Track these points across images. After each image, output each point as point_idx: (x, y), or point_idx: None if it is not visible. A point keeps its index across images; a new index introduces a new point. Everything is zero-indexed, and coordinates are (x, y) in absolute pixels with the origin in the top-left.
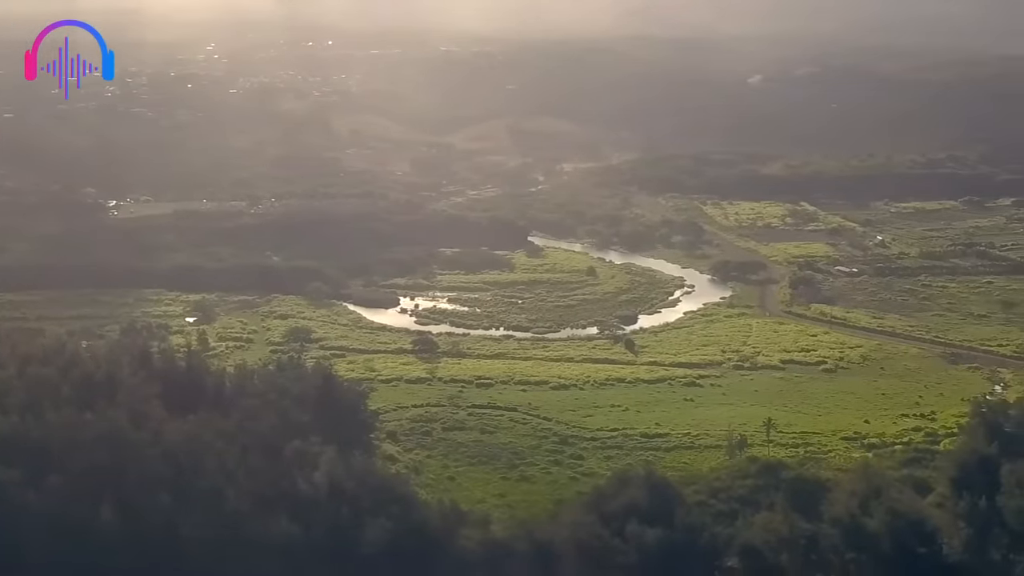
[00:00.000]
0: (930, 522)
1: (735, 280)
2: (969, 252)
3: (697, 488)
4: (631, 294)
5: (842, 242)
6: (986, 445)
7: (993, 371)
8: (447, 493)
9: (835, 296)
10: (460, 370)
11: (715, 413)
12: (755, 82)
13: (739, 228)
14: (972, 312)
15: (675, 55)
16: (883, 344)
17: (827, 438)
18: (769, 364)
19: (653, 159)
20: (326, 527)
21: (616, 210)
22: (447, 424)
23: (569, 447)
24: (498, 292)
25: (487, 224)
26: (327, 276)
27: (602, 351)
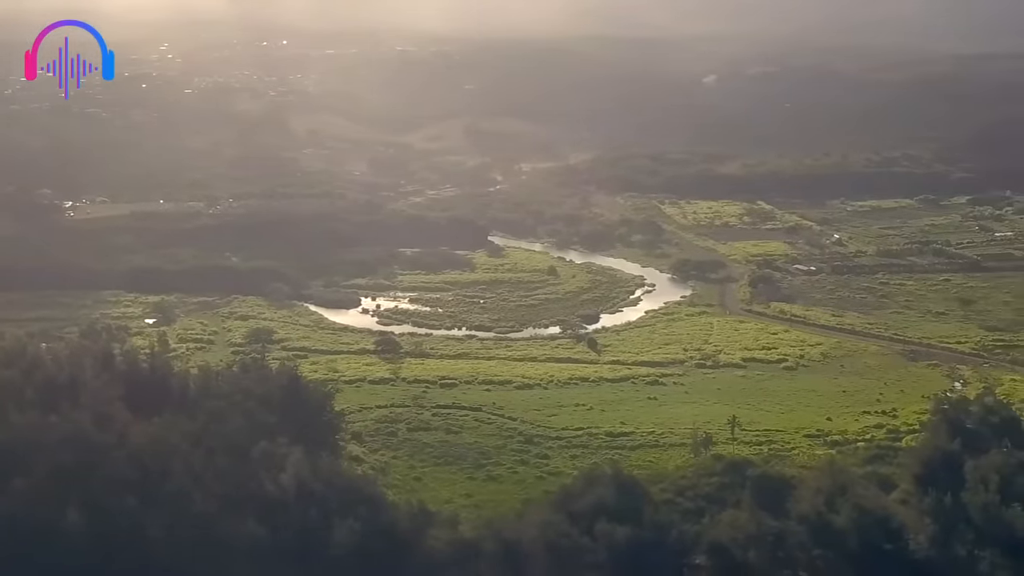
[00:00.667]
0: (896, 519)
1: (695, 279)
2: (926, 250)
3: (663, 486)
4: (592, 293)
5: (799, 241)
6: (949, 442)
7: (952, 368)
8: (414, 494)
9: (794, 294)
10: (424, 370)
11: (679, 411)
12: (710, 82)
13: (697, 227)
14: (930, 310)
15: (631, 55)
16: (843, 342)
17: (790, 435)
18: (731, 362)
19: (611, 159)
20: (294, 529)
21: (575, 209)
22: (412, 425)
23: (535, 446)
24: (459, 292)
25: (447, 224)
26: (287, 277)
27: (565, 350)
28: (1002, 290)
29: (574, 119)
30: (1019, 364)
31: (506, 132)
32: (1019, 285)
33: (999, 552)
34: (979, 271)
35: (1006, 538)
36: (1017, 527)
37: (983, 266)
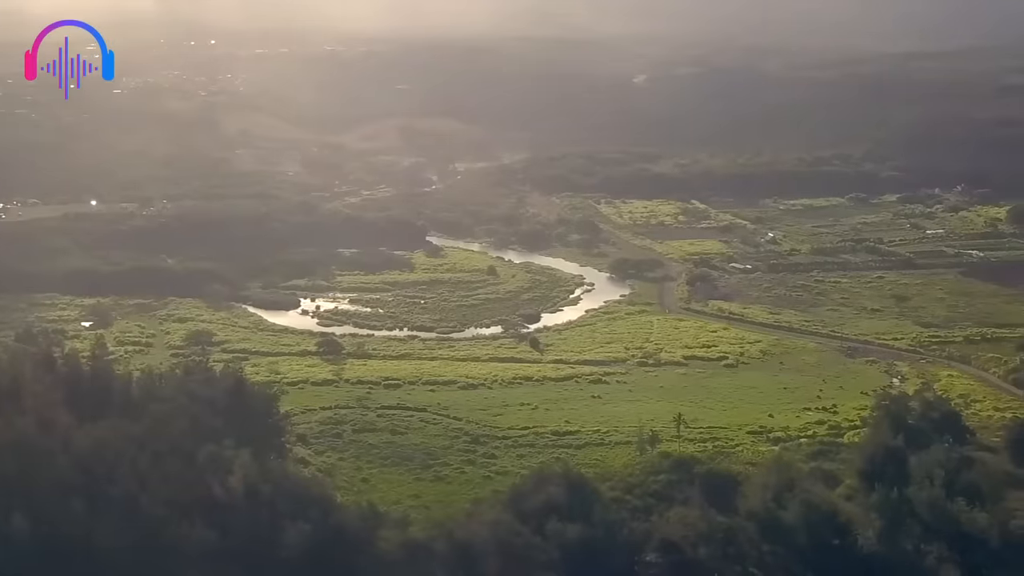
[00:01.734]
0: (844, 514)
1: (633, 278)
2: (859, 248)
3: (612, 484)
4: (533, 293)
5: (735, 239)
6: (892, 437)
7: (890, 364)
8: (362, 495)
9: (731, 292)
10: (367, 371)
11: (623, 409)
12: (640, 82)
13: (634, 226)
14: (865, 307)
15: (560, 55)
16: (781, 339)
17: (733, 432)
18: (672, 360)
19: (546, 158)
20: (244, 532)
21: (512, 209)
22: (357, 426)
23: (481, 446)
24: (400, 292)
25: (385, 224)
26: (224, 278)
27: (508, 350)
28: (935, 287)
29: (507, 119)
30: (955, 360)
31: (440, 132)
32: (952, 282)
33: (945, 546)
34: (912, 268)
35: (952, 532)
36: (963, 521)
37: (916, 263)
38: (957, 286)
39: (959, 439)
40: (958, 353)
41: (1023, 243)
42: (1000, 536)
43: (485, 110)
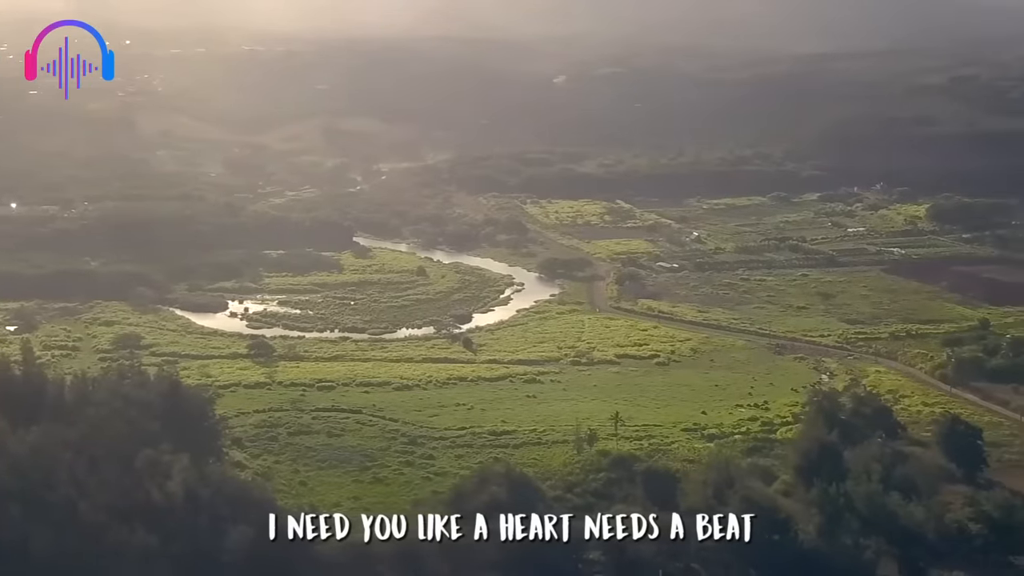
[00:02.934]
0: (783, 510)
1: (562, 277)
2: (782, 246)
3: (552, 483)
4: (463, 293)
5: (660, 239)
6: (826, 433)
7: (818, 361)
8: (300, 498)
9: (659, 291)
10: (299, 373)
11: (558, 409)
12: (560, 82)
13: (561, 226)
14: (791, 304)
15: (480, 55)
16: (711, 337)
17: (668, 430)
18: (605, 359)
19: (471, 159)
20: (185, 537)
21: (439, 209)
22: (292, 429)
23: (419, 447)
24: (329, 294)
25: (311, 225)
26: (150, 280)
27: (441, 350)
28: (859, 284)
29: (429, 119)
30: (882, 356)
31: (362, 132)
32: (875, 279)
33: (884, 540)
34: (835, 266)
35: (890, 526)
36: (900, 515)
37: (839, 261)
38: (880, 283)
39: (891, 434)
40: (884, 349)
41: (943, 240)
42: (936, 530)
43: (407, 110)
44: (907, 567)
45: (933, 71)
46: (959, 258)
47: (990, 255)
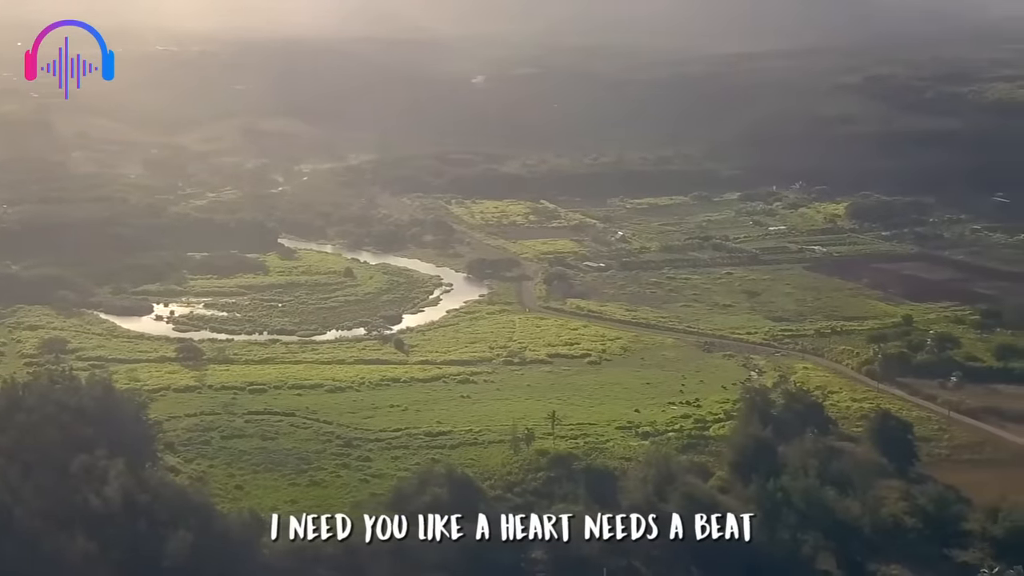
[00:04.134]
0: (722, 506)
1: (491, 278)
2: (706, 245)
3: (492, 483)
4: (392, 294)
5: (586, 238)
6: (761, 429)
7: (747, 358)
8: (236, 502)
9: (587, 291)
10: (230, 376)
11: (493, 408)
12: (479, 82)
13: (486, 226)
14: (718, 302)
15: (399, 55)
16: (640, 335)
17: (603, 428)
18: (537, 359)
19: (394, 159)
20: (124, 542)
21: (363, 210)
22: (225, 432)
23: (355, 449)
24: (256, 296)
25: (235, 227)
26: (73, 284)
27: (373, 352)
28: (782, 282)
29: (349, 119)
30: (808, 353)
31: (283, 132)
32: (798, 277)
33: (821, 535)
34: (758, 264)
35: (827, 521)
36: (837, 510)
37: (762, 259)
38: (803, 281)
39: (822, 430)
40: (811, 346)
41: (863, 238)
42: (872, 524)
43: (326, 110)
44: (844, 561)
45: (849, 71)
46: (879, 256)
47: (909, 252)
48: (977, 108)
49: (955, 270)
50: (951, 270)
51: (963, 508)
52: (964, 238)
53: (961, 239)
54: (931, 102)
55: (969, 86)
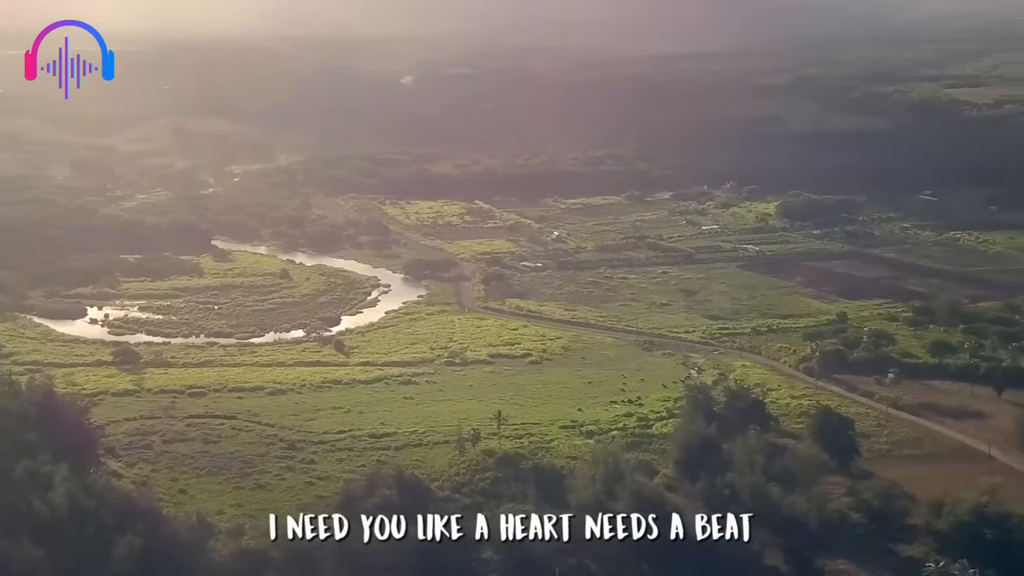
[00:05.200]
0: (671, 503)
1: (428, 278)
2: (641, 244)
3: (440, 484)
4: (329, 295)
5: (522, 238)
6: (705, 427)
7: (686, 356)
8: (181, 507)
9: (526, 290)
10: (168, 380)
11: (436, 409)
12: (408, 82)
13: (422, 227)
14: (655, 301)
15: (326, 55)
16: (580, 335)
17: (547, 428)
18: (478, 359)
19: (325, 159)
20: (71, 548)
21: (297, 211)
22: (167, 436)
23: (299, 452)
24: (191, 298)
25: (167, 229)
26: (5, 287)
27: (313, 353)
28: (717, 280)
29: (278, 120)
30: (746, 350)
31: (211, 133)
32: (732, 275)
33: (769, 531)
34: (693, 263)
35: (774, 517)
36: (784, 506)
37: (696, 258)
38: (738, 279)
39: (764, 427)
40: (748, 344)
41: (794, 237)
42: (819, 519)
43: (254, 111)
44: (792, 556)
45: (777, 72)
46: (811, 254)
47: (840, 250)
48: (903, 107)
49: (886, 268)
50: (882, 268)
51: (907, 503)
52: (893, 236)
53: (891, 237)
54: (858, 102)
55: (894, 86)
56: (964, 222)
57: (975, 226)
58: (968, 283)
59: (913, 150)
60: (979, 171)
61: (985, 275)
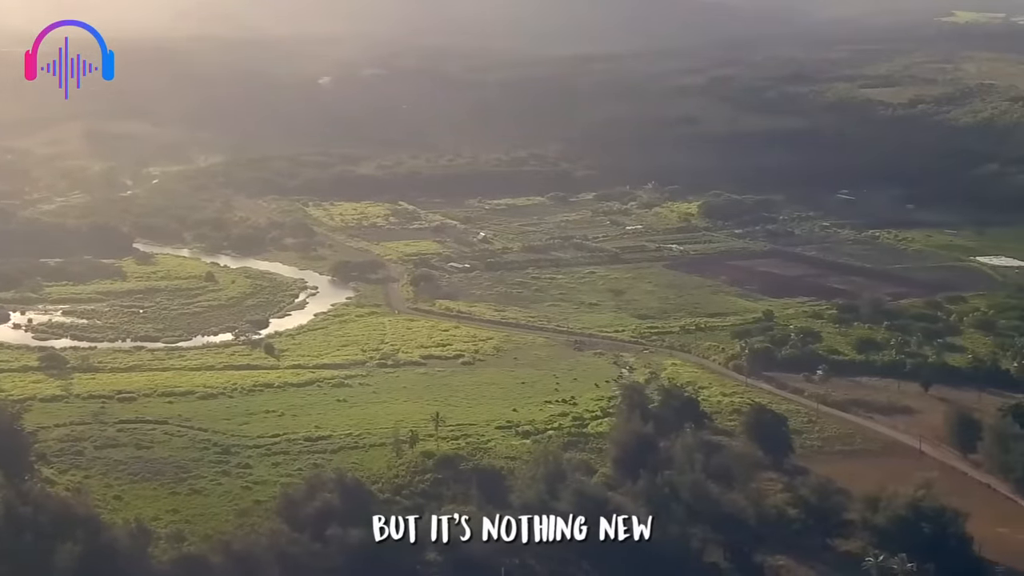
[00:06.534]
0: (613, 502)
1: (356, 280)
2: (567, 245)
3: (380, 487)
4: (256, 298)
5: (448, 239)
6: (643, 425)
7: (617, 355)
8: (116, 513)
9: (455, 291)
10: (97, 385)
11: (371, 411)
12: (326, 83)
13: (347, 228)
14: (584, 301)
15: (240, 55)
16: (511, 335)
17: (483, 428)
18: (410, 360)
19: (246, 161)
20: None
21: (219, 213)
22: (98, 442)
23: (233, 456)
24: (115, 302)
25: (88, 232)
26: None
27: (242, 357)
28: (645, 280)
29: (196, 121)
30: (676, 349)
31: (127, 134)
32: (658, 275)
33: (709, 528)
34: (619, 263)
35: (714, 514)
36: (723, 503)
37: (623, 258)
38: (664, 279)
39: (699, 425)
40: (678, 343)
41: (717, 236)
42: (757, 516)
43: (171, 112)
44: (732, 553)
45: (692, 72)
46: (734, 253)
47: (763, 249)
48: (819, 108)
49: (808, 266)
50: (804, 266)
51: (843, 499)
52: (814, 235)
53: (811, 236)
54: (773, 102)
55: (809, 86)
56: (882, 220)
57: (893, 224)
58: (889, 281)
59: (830, 150)
60: (895, 170)
61: (905, 273)
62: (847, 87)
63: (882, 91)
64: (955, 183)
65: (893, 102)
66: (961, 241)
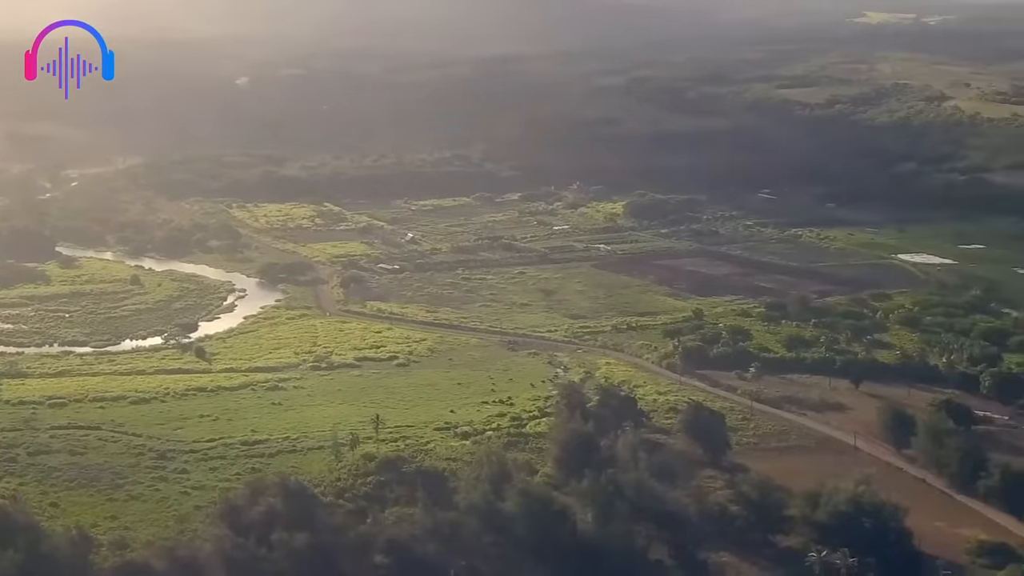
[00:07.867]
0: (558, 502)
1: (284, 282)
2: (496, 245)
3: (322, 490)
4: (184, 301)
5: (376, 240)
6: (583, 424)
7: (551, 355)
8: (54, 520)
9: (385, 293)
10: (26, 391)
11: (307, 415)
12: (243, 84)
13: (272, 230)
14: (515, 301)
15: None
16: (444, 336)
17: (421, 430)
18: (344, 363)
19: (167, 162)
20: None
21: (142, 216)
22: (31, 449)
23: (170, 461)
24: (40, 307)
25: (8, 235)
26: None
27: (173, 361)
28: (574, 280)
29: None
30: (609, 348)
31: (45, 136)
32: (587, 275)
33: (653, 526)
34: (548, 263)
35: (658, 512)
36: (667, 500)
37: (551, 258)
38: (593, 279)
39: (637, 423)
40: (611, 342)
41: (643, 236)
42: (700, 513)
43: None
44: (675, 549)
45: (612, 72)
46: (660, 252)
47: (689, 249)
48: (738, 108)
49: (734, 265)
50: (730, 265)
51: (783, 495)
52: (738, 234)
53: (735, 235)
54: (694, 103)
55: (728, 87)
56: (804, 219)
57: (814, 223)
58: (814, 279)
59: (750, 149)
60: (815, 169)
61: (829, 271)
62: (764, 87)
63: (799, 91)
64: (874, 182)
65: (811, 102)
66: (882, 239)
